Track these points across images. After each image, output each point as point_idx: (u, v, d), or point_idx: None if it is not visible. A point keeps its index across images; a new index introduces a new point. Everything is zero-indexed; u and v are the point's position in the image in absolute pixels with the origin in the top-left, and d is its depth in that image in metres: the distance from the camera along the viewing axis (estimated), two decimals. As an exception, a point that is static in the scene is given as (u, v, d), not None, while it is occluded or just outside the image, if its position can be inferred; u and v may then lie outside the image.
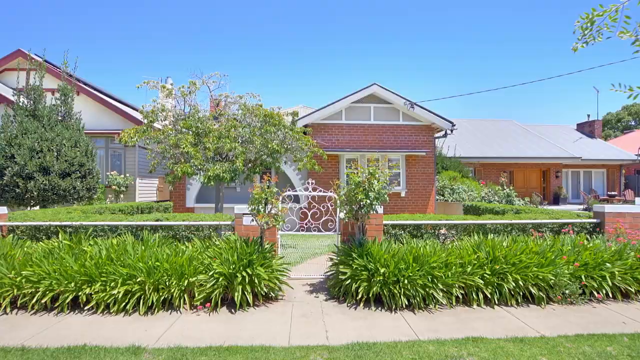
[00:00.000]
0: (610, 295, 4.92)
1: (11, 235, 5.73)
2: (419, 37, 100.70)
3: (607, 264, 4.99)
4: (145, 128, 7.80)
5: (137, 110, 16.35)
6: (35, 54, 12.83)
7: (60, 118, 10.69)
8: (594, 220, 6.16)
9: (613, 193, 21.27)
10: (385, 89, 12.29)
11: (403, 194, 12.56)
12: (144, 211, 9.80)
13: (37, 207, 9.73)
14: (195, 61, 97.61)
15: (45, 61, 11.08)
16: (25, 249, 5.21)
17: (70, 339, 3.66)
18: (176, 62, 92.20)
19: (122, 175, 13.41)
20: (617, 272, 4.93)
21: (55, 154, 9.78)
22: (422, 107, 12.23)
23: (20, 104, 10.14)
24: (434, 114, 12.37)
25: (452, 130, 12.50)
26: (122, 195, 13.61)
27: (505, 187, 12.18)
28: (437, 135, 13.21)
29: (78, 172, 10.10)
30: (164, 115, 8.10)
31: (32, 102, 10.26)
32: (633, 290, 4.93)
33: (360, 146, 12.57)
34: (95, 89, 14.84)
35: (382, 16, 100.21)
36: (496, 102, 77.26)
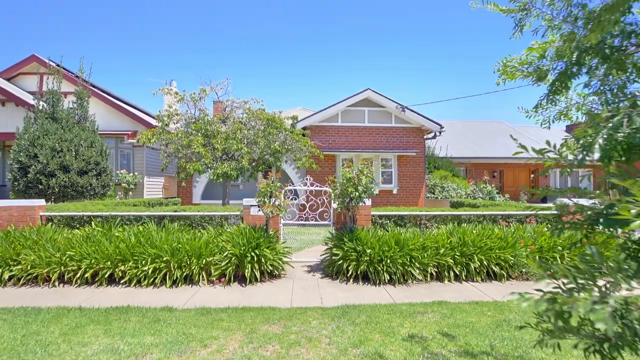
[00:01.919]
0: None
1: (50, 223, 6.60)
2: (419, 37, 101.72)
3: (559, 247, 5.92)
4: (160, 130, 8.69)
5: (142, 111, 17.21)
6: (49, 59, 13.66)
7: (76, 120, 11.54)
8: (555, 212, 7.07)
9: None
10: (378, 94, 13.20)
11: (395, 191, 13.48)
12: (155, 206, 10.67)
13: (52, 203, 10.57)
14: (195, 61, 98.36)
15: (63, 68, 11.92)
16: (64, 234, 6.08)
17: (115, 303, 4.55)
18: (176, 62, 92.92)
19: (131, 174, 14.25)
20: (566, 254, 5.86)
21: (74, 153, 10.63)
22: (412, 111, 13.15)
23: (40, 107, 10.98)
24: (423, 116, 13.29)
25: (440, 132, 13.43)
26: (130, 193, 14.45)
27: (488, 185, 13.12)
28: (427, 136, 14.13)
29: (94, 171, 10.95)
30: (177, 118, 8.98)
31: (50, 105, 11.10)
32: (580, 268, 5.84)
33: (355, 147, 13.48)
34: (104, 92, 15.68)
35: (382, 16, 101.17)
36: (495, 102, 78.34)
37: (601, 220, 1.56)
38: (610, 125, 1.54)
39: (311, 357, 3.03)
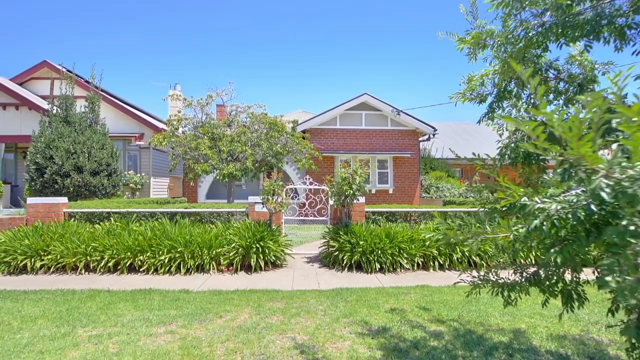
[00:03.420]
0: (535, 263, 6.48)
1: (72, 219, 7.24)
2: (419, 38, 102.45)
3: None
4: (170, 134, 9.34)
5: (148, 114, 17.85)
6: (61, 65, 14.30)
7: (88, 124, 12.19)
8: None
9: (590, 192, 22.83)
10: (375, 98, 13.85)
11: (391, 191, 14.12)
12: (163, 204, 11.31)
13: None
14: (196, 62, 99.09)
15: (75, 74, 12.58)
16: (87, 228, 6.73)
17: (137, 286, 5.19)
18: (178, 63, 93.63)
19: (139, 175, 14.88)
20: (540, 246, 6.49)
21: (87, 155, 11.27)
22: (407, 114, 13.80)
23: (54, 111, 11.63)
24: (418, 120, 13.94)
25: (434, 135, 14.07)
26: (137, 193, 15.07)
27: (478, 185, 13.77)
28: (421, 139, 14.77)
29: (105, 171, 11.60)
30: (185, 122, 9.63)
31: (64, 109, 11.74)
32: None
33: (352, 148, 14.13)
34: (112, 96, 16.31)
35: (382, 16, 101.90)
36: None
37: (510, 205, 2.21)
38: (515, 139, 2.17)
39: (309, 324, 3.67)
